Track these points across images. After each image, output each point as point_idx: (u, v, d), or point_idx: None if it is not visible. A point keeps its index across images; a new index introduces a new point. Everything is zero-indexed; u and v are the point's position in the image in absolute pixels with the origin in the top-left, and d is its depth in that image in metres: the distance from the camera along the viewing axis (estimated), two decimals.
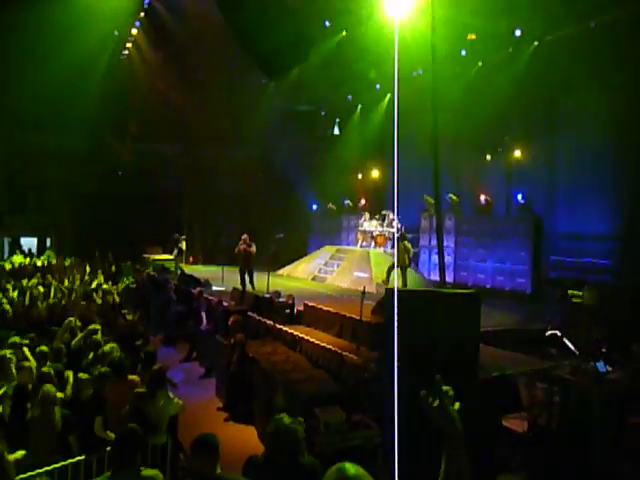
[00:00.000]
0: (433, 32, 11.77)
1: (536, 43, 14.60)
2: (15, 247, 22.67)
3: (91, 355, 6.27)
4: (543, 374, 6.81)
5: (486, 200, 15.04)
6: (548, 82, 14.02)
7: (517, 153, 14.76)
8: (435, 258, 15.06)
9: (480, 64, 16.19)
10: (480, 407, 6.30)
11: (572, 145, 13.69)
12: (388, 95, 20.73)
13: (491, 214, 15.03)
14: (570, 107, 13.65)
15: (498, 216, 14.92)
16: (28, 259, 19.84)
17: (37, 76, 17.67)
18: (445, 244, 14.10)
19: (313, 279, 16.78)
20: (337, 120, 24.31)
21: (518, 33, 14.65)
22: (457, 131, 15.27)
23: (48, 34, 16.63)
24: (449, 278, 14.12)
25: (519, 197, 14.10)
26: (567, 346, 8.42)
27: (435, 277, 14.69)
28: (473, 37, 14.75)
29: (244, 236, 13.25)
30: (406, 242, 13.25)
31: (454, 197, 15.26)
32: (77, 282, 13.26)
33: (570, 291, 10.08)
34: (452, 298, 7.55)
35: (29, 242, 23.53)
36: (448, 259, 14.59)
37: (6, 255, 21.88)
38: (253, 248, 13.03)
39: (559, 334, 8.79)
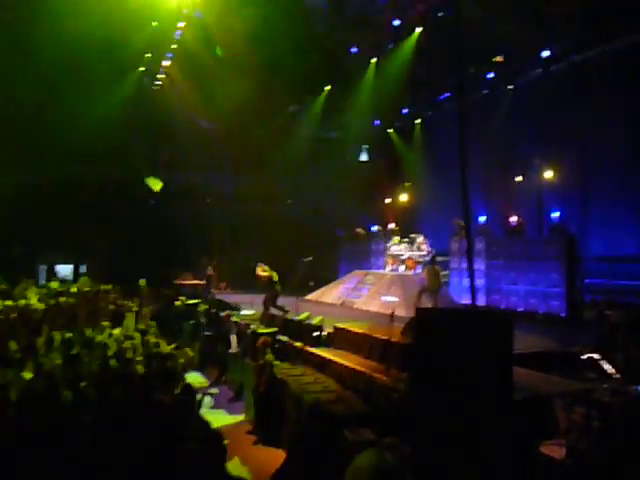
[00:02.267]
0: (459, 58, 11.92)
1: (563, 65, 14.58)
2: (51, 274, 23.23)
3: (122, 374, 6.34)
4: (581, 397, 6.56)
5: (517, 222, 14.82)
6: (577, 102, 13.92)
7: (548, 174, 14.56)
8: (466, 281, 14.83)
9: (510, 87, 16.17)
10: (514, 429, 6.12)
11: (603, 166, 13.47)
12: (418, 120, 20.89)
13: (522, 236, 14.79)
14: (600, 126, 13.47)
15: (529, 238, 14.66)
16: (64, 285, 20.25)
17: (71, 107, 18.36)
18: (476, 267, 13.93)
19: (342, 304, 16.68)
20: (365, 147, 24.51)
21: (545, 54, 14.64)
22: (487, 153, 15.23)
23: (82, 65, 17.33)
24: (481, 301, 13.87)
25: (555, 215, 13.85)
26: (605, 369, 8.12)
27: (466, 301, 14.44)
28: (500, 59, 14.80)
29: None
30: (436, 265, 13.12)
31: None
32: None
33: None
34: (483, 318, 7.43)
35: (64, 269, 24.11)
36: (479, 282, 14.35)
37: (42, 282, 22.41)
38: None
39: (596, 357, 8.49)
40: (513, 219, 14.81)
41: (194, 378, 8.83)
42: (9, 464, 4.13)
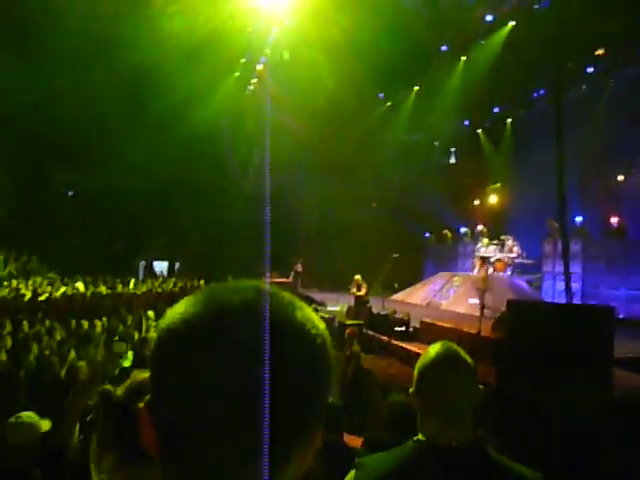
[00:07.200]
0: (556, 54, 11.51)
1: None
2: (149, 270, 24.76)
3: None
4: None
5: (618, 223, 13.96)
6: None
7: None
8: (560, 285, 14.17)
9: (612, 80, 15.31)
10: (614, 432, 5.77)
11: None
12: (509, 119, 20.26)
13: (624, 237, 13.90)
14: None
15: (633, 239, 13.75)
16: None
17: (168, 114, 19.58)
18: (571, 270, 13.28)
19: (428, 305, 16.48)
20: (453, 149, 24.06)
21: None
22: (584, 152, 14.50)
23: (179, 69, 18.41)
24: None
25: None
26: None
27: None
28: (601, 52, 14.04)
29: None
30: None
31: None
32: None
33: None
34: (581, 312, 7.11)
35: (161, 265, 25.62)
36: (575, 286, 13.67)
37: (141, 277, 23.92)
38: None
39: None
40: (614, 220, 13.97)
41: None
42: None
